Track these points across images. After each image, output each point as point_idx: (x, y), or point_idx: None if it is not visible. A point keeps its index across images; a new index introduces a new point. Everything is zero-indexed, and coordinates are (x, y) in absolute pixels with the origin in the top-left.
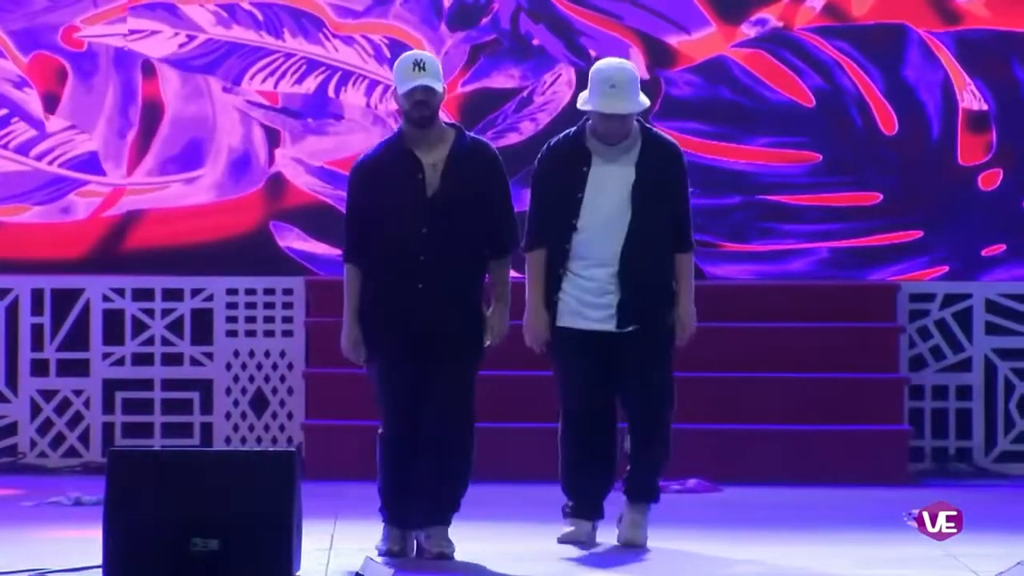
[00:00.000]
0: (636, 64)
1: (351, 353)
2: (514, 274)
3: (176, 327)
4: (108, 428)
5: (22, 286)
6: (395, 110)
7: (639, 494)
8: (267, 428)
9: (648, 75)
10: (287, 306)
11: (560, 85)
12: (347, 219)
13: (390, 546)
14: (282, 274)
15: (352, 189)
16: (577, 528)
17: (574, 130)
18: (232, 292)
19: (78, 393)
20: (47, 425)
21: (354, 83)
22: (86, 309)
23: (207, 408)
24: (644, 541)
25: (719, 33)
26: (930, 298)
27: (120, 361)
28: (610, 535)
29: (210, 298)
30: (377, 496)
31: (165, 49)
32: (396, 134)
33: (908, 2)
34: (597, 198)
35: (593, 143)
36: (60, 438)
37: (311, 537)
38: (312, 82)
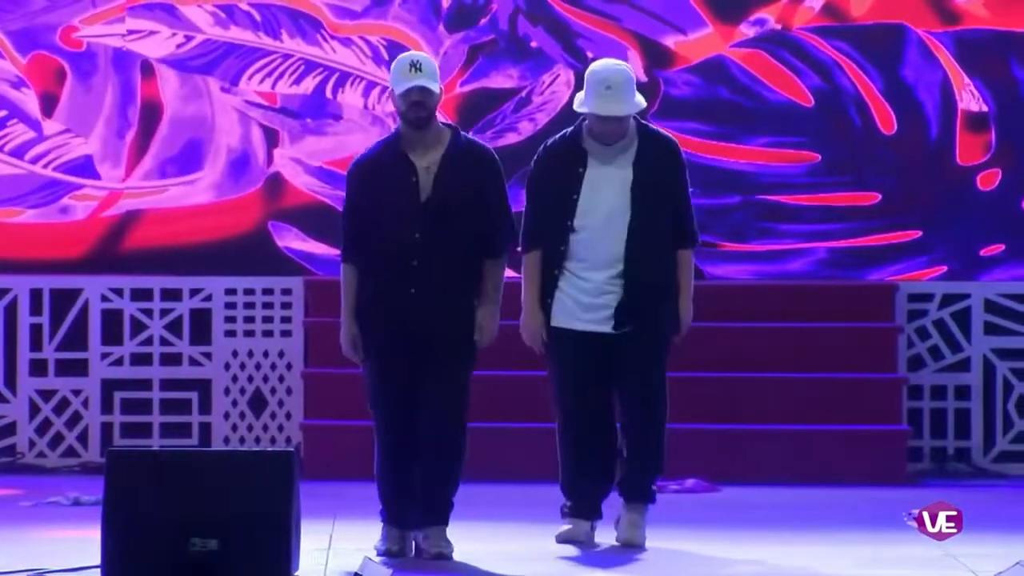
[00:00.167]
0: (634, 66)
1: (350, 351)
2: (510, 274)
3: (175, 327)
4: (107, 428)
5: (21, 286)
6: (393, 111)
7: (635, 495)
8: (266, 428)
9: (646, 77)
10: (286, 306)
11: (558, 85)
12: (344, 218)
13: (389, 546)
14: (281, 274)
15: (350, 188)
16: (575, 527)
17: (571, 130)
18: (231, 292)
19: (77, 393)
20: (46, 425)
21: (352, 84)
22: (85, 309)
23: (206, 408)
24: (642, 541)
25: (717, 35)
26: (929, 298)
27: (119, 361)
28: (609, 536)
29: (209, 298)
30: (376, 496)
31: (163, 49)
32: (394, 134)
33: (907, 2)
34: (595, 199)
35: (590, 143)
36: (59, 438)
37: (310, 537)
38: (310, 83)
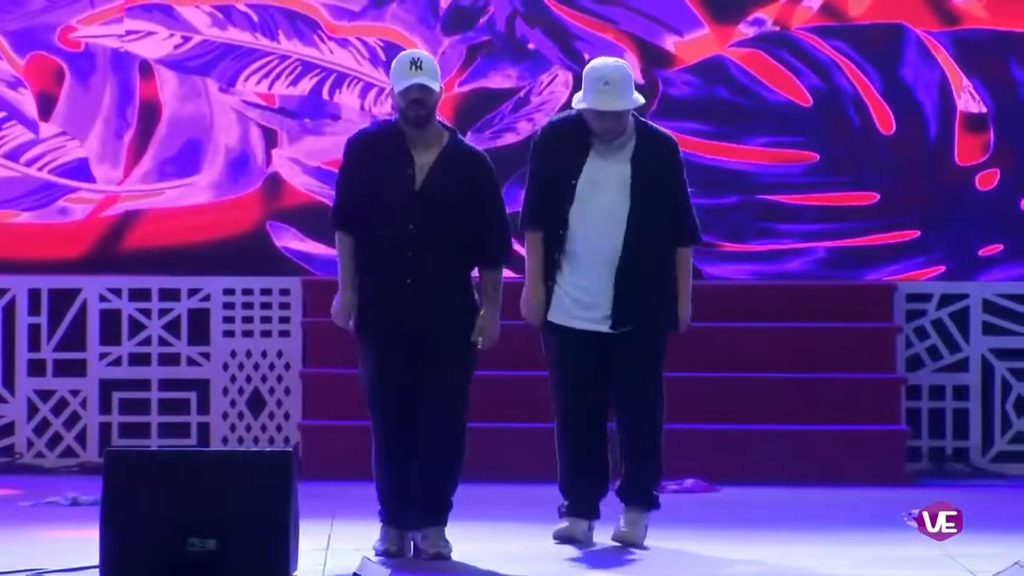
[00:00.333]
0: (631, 68)
1: (343, 319)
2: (508, 273)
3: (173, 327)
4: (105, 428)
5: (19, 286)
6: (389, 112)
7: (635, 500)
8: (264, 428)
9: (643, 80)
10: (284, 306)
11: (557, 85)
12: (339, 183)
13: (387, 546)
14: (279, 274)
15: (348, 156)
16: (572, 525)
17: (576, 114)
18: (229, 292)
19: (75, 393)
20: (44, 425)
21: (348, 85)
22: (83, 309)
23: (204, 408)
24: (641, 540)
25: (714, 36)
26: (927, 298)
27: (117, 361)
28: (608, 536)
29: (207, 298)
30: (374, 496)
31: (161, 50)
32: (395, 121)
33: (906, 2)
34: (593, 194)
35: (592, 137)
36: (57, 438)
37: (308, 537)
38: (306, 84)
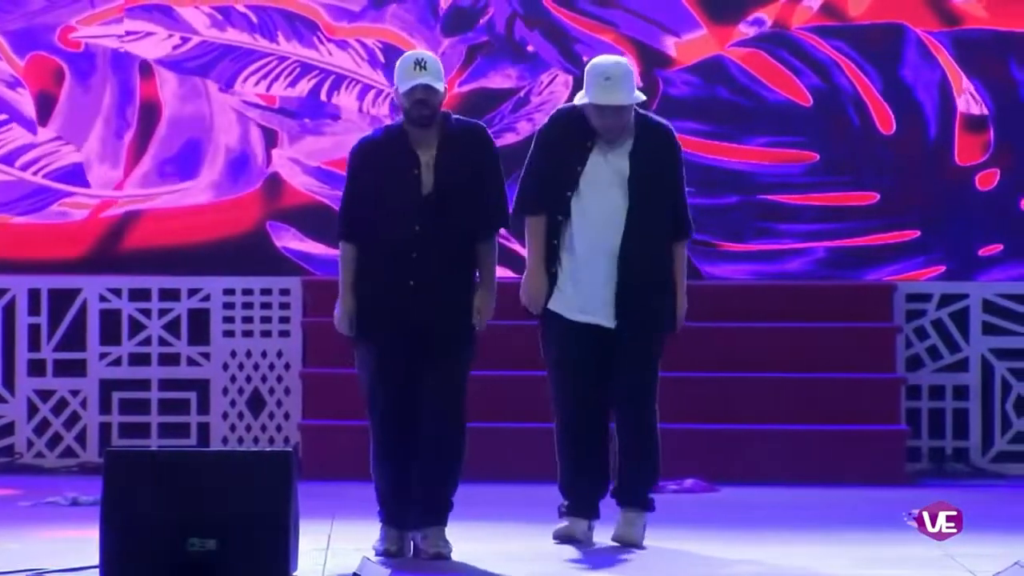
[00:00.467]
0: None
1: (344, 326)
2: (507, 273)
3: (173, 327)
4: (105, 428)
5: (19, 286)
6: (388, 113)
7: (631, 502)
8: (264, 428)
9: (643, 81)
10: (284, 306)
11: (557, 85)
12: (344, 195)
13: (387, 546)
14: (279, 274)
15: (353, 166)
16: (572, 524)
17: (582, 106)
18: (229, 292)
19: (75, 393)
20: (44, 425)
21: (347, 87)
22: (83, 309)
23: (204, 408)
24: (640, 540)
25: (713, 38)
26: (927, 298)
27: (117, 361)
28: (607, 536)
29: (207, 298)
30: (374, 496)
31: (160, 51)
32: (400, 123)
33: (906, 2)
34: (593, 191)
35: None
36: (57, 438)
37: (308, 537)
38: (305, 86)
